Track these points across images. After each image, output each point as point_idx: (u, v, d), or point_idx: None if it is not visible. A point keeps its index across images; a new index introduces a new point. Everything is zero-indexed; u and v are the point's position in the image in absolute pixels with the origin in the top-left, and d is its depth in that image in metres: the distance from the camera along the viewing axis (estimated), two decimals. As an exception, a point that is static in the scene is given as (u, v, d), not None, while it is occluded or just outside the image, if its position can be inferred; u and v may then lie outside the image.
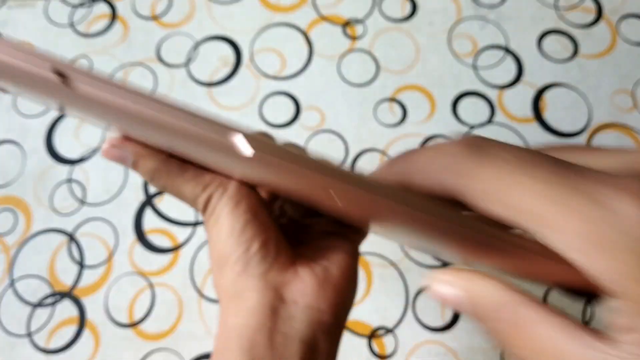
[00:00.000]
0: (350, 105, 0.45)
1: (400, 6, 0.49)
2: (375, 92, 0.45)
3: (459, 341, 0.38)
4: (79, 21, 0.48)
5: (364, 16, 0.48)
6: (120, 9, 0.48)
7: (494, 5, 0.48)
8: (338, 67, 0.46)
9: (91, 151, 0.43)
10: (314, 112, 0.45)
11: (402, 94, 0.45)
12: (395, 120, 0.44)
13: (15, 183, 0.43)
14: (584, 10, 0.48)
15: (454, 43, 0.47)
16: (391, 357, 0.38)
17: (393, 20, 0.48)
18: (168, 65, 0.46)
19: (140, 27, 0.48)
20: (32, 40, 0.47)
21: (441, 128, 0.44)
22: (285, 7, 0.49)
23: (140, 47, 0.47)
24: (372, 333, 0.38)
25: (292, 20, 0.48)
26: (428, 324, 0.38)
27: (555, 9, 0.48)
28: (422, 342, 0.38)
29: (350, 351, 0.38)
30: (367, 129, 0.44)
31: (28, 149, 0.44)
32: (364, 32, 0.47)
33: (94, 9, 0.48)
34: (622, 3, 0.49)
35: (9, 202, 0.42)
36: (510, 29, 0.47)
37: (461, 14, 0.48)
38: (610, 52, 0.47)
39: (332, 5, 0.48)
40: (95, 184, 0.42)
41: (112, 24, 0.48)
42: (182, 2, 0.49)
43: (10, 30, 0.48)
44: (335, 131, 0.44)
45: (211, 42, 0.47)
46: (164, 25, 0.48)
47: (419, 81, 0.46)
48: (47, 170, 0.43)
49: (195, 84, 0.46)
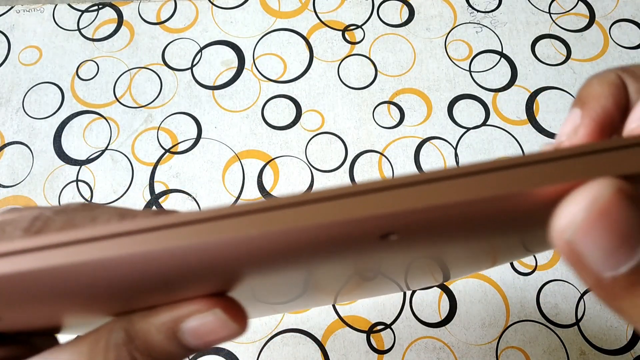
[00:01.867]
0: (350, 108, 0.46)
1: (398, 12, 0.50)
2: (374, 95, 0.47)
3: (455, 336, 0.39)
4: (85, 26, 0.49)
5: (363, 22, 0.49)
6: (127, 14, 0.50)
7: (489, 10, 0.50)
8: (337, 71, 0.47)
9: (98, 152, 0.45)
10: (315, 115, 0.46)
11: (399, 97, 0.47)
12: (393, 123, 0.46)
13: (24, 183, 0.44)
14: (576, 15, 0.50)
15: (449, 48, 0.48)
16: (389, 351, 0.39)
17: (391, 25, 0.49)
18: (173, 69, 0.48)
19: (146, 31, 0.49)
20: (40, 44, 0.49)
21: (438, 130, 0.45)
22: (287, 12, 0.50)
23: (146, 51, 0.48)
24: (370, 328, 0.39)
25: (293, 25, 0.49)
26: (425, 320, 0.40)
27: (548, 14, 0.50)
28: (419, 337, 0.39)
29: (350, 346, 0.39)
30: (366, 131, 0.45)
31: (36, 150, 0.45)
32: (362, 37, 0.49)
33: (101, 14, 0.50)
34: (613, 8, 0.50)
35: (18, 202, 0.43)
36: (505, 34, 0.49)
37: (457, 19, 0.50)
38: (602, 56, 0.48)
39: (332, 11, 0.50)
40: (101, 184, 0.44)
41: (119, 29, 0.49)
42: (186, 8, 0.50)
43: (18, 35, 0.49)
44: (335, 133, 0.45)
45: (215, 46, 0.49)
46: (169, 30, 0.49)
47: (416, 85, 0.47)
48: (55, 171, 0.44)
49: (200, 87, 0.47)
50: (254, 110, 0.46)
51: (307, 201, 0.12)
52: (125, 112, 0.46)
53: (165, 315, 0.15)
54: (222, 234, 0.11)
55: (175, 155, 0.45)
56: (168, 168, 0.44)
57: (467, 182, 0.12)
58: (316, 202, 0.12)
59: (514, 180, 0.12)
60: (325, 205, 0.12)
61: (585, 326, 0.39)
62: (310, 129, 0.45)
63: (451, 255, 0.18)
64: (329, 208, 0.12)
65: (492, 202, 0.12)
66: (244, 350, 0.39)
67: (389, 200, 0.12)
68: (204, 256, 0.12)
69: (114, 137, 0.45)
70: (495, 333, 0.39)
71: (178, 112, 0.46)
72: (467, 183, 0.12)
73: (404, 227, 0.12)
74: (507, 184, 0.12)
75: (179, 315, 0.15)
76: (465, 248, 0.17)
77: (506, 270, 0.41)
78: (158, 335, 0.15)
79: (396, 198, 0.12)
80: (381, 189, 0.12)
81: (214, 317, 0.15)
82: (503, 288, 0.40)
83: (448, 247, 0.16)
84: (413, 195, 0.12)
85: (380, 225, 0.12)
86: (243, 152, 0.45)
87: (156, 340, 0.15)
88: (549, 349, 0.38)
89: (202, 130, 0.45)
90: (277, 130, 0.45)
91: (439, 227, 0.13)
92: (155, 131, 0.45)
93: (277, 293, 0.19)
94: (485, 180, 0.12)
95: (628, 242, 0.11)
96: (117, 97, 0.47)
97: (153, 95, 0.47)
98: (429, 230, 0.13)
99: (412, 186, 0.12)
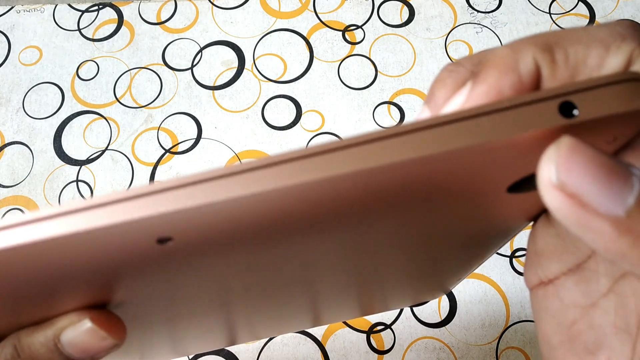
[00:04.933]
0: (350, 108, 0.46)
1: (398, 12, 0.50)
2: (374, 95, 0.47)
3: (455, 336, 0.39)
4: (86, 26, 0.49)
5: (363, 22, 0.49)
6: (127, 14, 0.50)
7: (489, 11, 0.50)
8: (338, 71, 0.48)
9: (99, 152, 0.45)
10: (315, 115, 0.46)
11: (399, 98, 0.47)
12: (393, 123, 0.46)
13: (24, 183, 0.44)
14: (576, 15, 0.50)
15: (450, 48, 0.48)
16: (389, 351, 0.39)
17: (391, 26, 0.49)
18: (173, 69, 0.48)
19: (146, 32, 0.49)
20: (40, 44, 0.49)
21: (438, 130, 0.45)
22: (287, 13, 0.50)
23: (146, 51, 0.48)
24: (370, 328, 0.40)
25: (293, 25, 0.49)
26: (425, 320, 0.40)
27: (548, 14, 0.50)
28: (419, 337, 0.39)
29: (350, 346, 0.39)
30: (366, 131, 0.45)
31: (36, 150, 0.45)
32: (362, 38, 0.49)
33: (101, 14, 0.50)
34: (614, 9, 0.50)
35: (19, 202, 0.43)
36: (505, 35, 0.49)
37: (457, 20, 0.50)
38: (602, 57, 0.48)
39: (332, 12, 0.50)
40: (102, 185, 0.44)
41: (119, 29, 0.49)
42: (186, 8, 0.50)
43: (18, 35, 0.49)
44: (335, 133, 0.45)
45: (215, 46, 0.49)
46: (169, 30, 0.49)
47: (416, 85, 0.47)
48: (56, 171, 0.44)
49: (200, 87, 0.47)
50: (254, 111, 0.46)
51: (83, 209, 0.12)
52: (125, 112, 0.46)
53: (46, 329, 0.15)
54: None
55: (175, 155, 0.45)
56: (168, 168, 0.44)
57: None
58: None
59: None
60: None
61: (585, 326, 0.39)
62: (310, 129, 0.45)
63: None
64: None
65: None
66: (244, 350, 0.39)
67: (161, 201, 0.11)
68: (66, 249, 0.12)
69: (114, 137, 0.45)
70: (495, 333, 0.39)
71: (178, 112, 0.46)
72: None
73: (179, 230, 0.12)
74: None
75: (57, 328, 0.15)
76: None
77: (506, 271, 0.41)
78: (41, 349, 0.15)
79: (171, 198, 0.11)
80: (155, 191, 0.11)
81: (84, 328, 0.15)
82: (503, 288, 0.40)
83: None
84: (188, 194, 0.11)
85: (154, 228, 0.12)
86: (243, 152, 0.45)
87: (40, 354, 0.15)
88: (549, 349, 0.39)
89: (202, 130, 0.45)
90: (277, 130, 0.45)
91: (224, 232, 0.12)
92: (155, 131, 0.45)
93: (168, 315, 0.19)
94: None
95: (615, 168, 0.11)
96: (118, 97, 0.47)
97: (153, 95, 0.47)
98: (210, 236, 0.12)
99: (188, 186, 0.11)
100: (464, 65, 0.14)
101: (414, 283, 0.23)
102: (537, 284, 0.17)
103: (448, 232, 0.17)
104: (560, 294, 0.16)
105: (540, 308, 0.17)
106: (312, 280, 0.19)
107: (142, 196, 0.11)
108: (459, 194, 0.13)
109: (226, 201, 0.11)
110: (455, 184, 0.13)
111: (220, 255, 0.14)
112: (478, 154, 0.12)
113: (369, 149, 0.12)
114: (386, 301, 0.25)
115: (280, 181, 0.11)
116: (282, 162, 0.11)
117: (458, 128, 0.11)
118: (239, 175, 0.11)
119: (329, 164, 0.11)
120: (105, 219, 0.11)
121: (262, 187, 0.11)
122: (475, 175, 0.13)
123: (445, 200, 0.14)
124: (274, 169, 0.11)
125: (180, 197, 0.11)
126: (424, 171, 0.12)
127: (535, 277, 0.17)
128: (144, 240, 0.12)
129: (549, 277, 0.16)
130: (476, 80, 0.13)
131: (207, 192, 0.11)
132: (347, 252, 0.16)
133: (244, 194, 0.11)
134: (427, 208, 0.14)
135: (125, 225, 0.11)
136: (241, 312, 0.21)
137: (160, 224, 0.11)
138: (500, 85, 0.13)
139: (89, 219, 0.11)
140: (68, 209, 0.11)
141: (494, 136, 0.11)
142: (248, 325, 0.25)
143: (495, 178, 0.13)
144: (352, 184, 0.12)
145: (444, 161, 0.12)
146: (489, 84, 0.13)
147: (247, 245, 0.14)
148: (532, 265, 0.17)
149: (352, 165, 0.11)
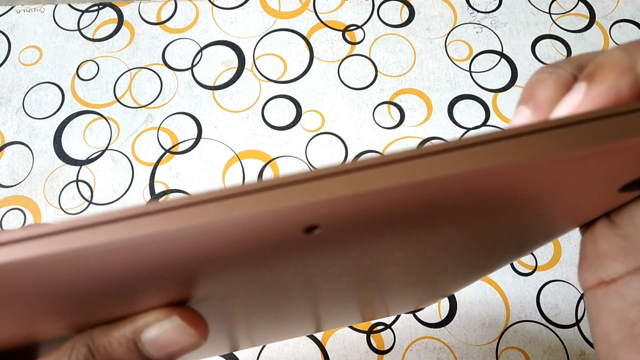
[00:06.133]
0: (350, 108, 0.46)
1: (398, 12, 0.50)
2: (374, 95, 0.47)
3: (455, 336, 0.39)
4: (86, 26, 0.49)
5: (363, 22, 0.49)
6: (127, 14, 0.50)
7: (489, 11, 0.50)
8: (338, 71, 0.48)
9: (99, 152, 0.45)
10: (315, 115, 0.46)
11: (399, 97, 0.47)
12: (393, 123, 0.46)
13: (24, 183, 0.44)
14: (576, 15, 0.50)
15: (450, 48, 0.48)
16: (389, 351, 0.39)
17: (391, 26, 0.49)
18: (173, 69, 0.48)
19: (146, 31, 0.49)
20: (40, 44, 0.49)
21: (438, 130, 0.45)
22: (287, 13, 0.50)
23: (146, 51, 0.48)
24: (370, 328, 0.39)
25: (293, 25, 0.49)
26: (425, 320, 0.40)
27: (548, 14, 0.50)
28: (419, 337, 0.39)
29: (350, 346, 0.39)
30: (366, 131, 0.45)
31: (37, 150, 0.45)
32: (362, 38, 0.49)
33: (101, 14, 0.50)
34: (614, 9, 0.50)
35: (19, 202, 0.43)
36: (505, 35, 0.49)
37: (457, 20, 0.50)
38: (602, 56, 0.48)
39: (332, 12, 0.50)
40: (102, 184, 0.44)
41: (119, 29, 0.49)
42: (186, 8, 0.50)
43: (19, 35, 0.49)
44: (335, 133, 0.45)
45: (215, 46, 0.49)
46: (170, 30, 0.49)
47: (416, 85, 0.47)
48: (56, 171, 0.44)
49: (200, 87, 0.47)
50: (254, 111, 0.46)
51: (226, 197, 0.11)
52: (125, 112, 0.46)
53: (124, 327, 0.15)
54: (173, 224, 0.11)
55: (175, 155, 0.45)
56: (168, 168, 0.44)
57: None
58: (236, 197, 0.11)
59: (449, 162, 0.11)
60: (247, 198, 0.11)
61: (586, 326, 0.39)
62: (310, 129, 0.45)
63: (387, 273, 0.17)
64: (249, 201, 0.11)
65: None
66: (245, 350, 0.39)
67: (307, 191, 0.11)
68: (155, 251, 0.11)
69: (114, 137, 0.45)
70: (495, 333, 0.39)
71: (178, 112, 0.46)
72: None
73: (327, 217, 0.11)
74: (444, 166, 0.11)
75: (138, 326, 0.15)
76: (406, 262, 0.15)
77: (506, 271, 0.41)
78: (119, 348, 0.15)
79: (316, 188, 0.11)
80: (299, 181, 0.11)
81: (172, 325, 0.14)
82: (503, 288, 0.40)
83: (383, 255, 0.14)
84: (334, 185, 0.11)
85: (301, 216, 0.11)
86: (243, 152, 0.45)
87: (118, 354, 0.15)
88: (549, 349, 0.39)
89: (202, 130, 0.45)
90: (277, 130, 0.45)
91: (366, 221, 0.12)
92: (155, 131, 0.45)
93: (240, 312, 0.18)
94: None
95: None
96: (118, 97, 0.47)
97: (153, 95, 0.47)
98: (354, 224, 0.12)
99: (336, 176, 0.11)
100: (564, 67, 0.14)
101: (424, 290, 0.22)
102: (596, 284, 0.17)
103: (492, 240, 0.16)
104: (624, 292, 0.16)
105: (600, 307, 0.17)
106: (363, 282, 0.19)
107: (286, 185, 0.11)
108: (540, 198, 0.13)
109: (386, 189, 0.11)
110: (547, 188, 0.13)
111: (353, 245, 0.14)
112: (605, 155, 0.12)
113: (493, 149, 0.11)
114: (400, 307, 0.25)
115: (429, 173, 0.11)
116: (433, 154, 0.11)
117: (594, 127, 0.11)
118: (392, 165, 0.11)
119: (466, 161, 0.11)
120: (255, 207, 0.11)
121: (409, 179, 0.11)
122: (593, 175, 0.13)
123: (521, 205, 0.14)
124: (425, 160, 0.11)
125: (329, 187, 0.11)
126: (537, 173, 0.12)
127: (595, 277, 0.17)
128: (290, 229, 0.12)
129: (612, 277, 0.17)
130: (593, 81, 0.13)
131: (363, 182, 0.11)
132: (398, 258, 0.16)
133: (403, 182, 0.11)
134: (499, 213, 0.14)
135: (273, 213, 0.11)
136: (311, 307, 0.21)
137: (310, 212, 0.11)
138: (618, 86, 0.13)
139: (234, 206, 0.11)
140: (219, 195, 0.11)
141: (623, 137, 0.11)
142: (314, 320, 0.24)
143: (611, 176, 0.13)
144: (482, 182, 0.11)
145: (569, 162, 0.12)
146: (607, 84, 0.13)
147: (371, 240, 0.13)
148: (592, 266, 0.17)
149: (494, 160, 0.11)
